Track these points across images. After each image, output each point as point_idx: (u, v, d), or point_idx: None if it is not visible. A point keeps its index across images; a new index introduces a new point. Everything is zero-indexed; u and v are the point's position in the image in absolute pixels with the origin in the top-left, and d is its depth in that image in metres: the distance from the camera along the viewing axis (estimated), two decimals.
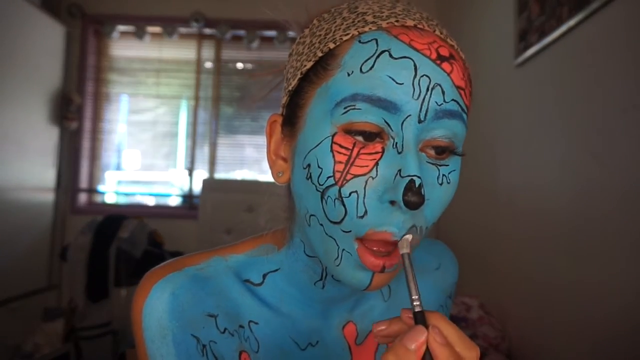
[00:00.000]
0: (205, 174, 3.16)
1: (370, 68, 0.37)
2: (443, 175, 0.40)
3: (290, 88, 0.44)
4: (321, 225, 0.41)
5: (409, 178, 0.36)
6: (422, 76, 0.37)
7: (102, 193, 3.21)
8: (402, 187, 0.36)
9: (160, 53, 3.19)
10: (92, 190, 3.18)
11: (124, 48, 3.20)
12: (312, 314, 0.50)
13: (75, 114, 2.95)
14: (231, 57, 3.22)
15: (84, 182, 3.12)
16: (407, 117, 0.37)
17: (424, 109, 0.37)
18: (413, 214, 0.38)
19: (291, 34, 3.12)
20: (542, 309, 1.51)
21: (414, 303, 0.35)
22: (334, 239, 0.40)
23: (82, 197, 3.14)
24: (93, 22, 3.11)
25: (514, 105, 1.81)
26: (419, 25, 0.40)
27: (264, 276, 0.50)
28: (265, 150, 0.48)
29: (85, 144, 3.13)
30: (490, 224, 2.00)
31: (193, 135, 3.17)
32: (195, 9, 3.04)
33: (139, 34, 3.08)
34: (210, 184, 2.90)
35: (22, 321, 2.48)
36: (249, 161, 3.21)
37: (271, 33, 3.10)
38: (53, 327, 2.46)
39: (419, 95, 0.37)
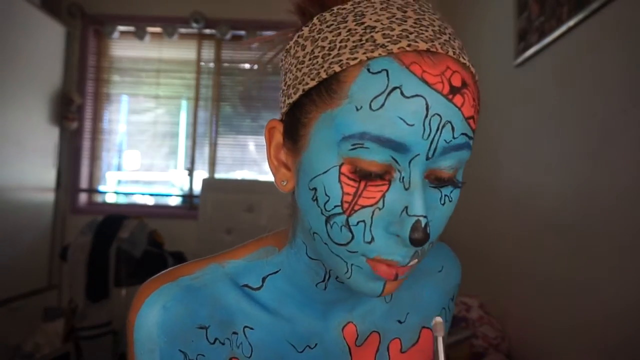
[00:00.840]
0: (205, 174, 3.16)
1: (381, 106, 0.36)
2: (445, 195, 0.40)
3: (290, 101, 0.43)
4: (325, 244, 0.41)
5: (416, 218, 0.37)
6: (433, 115, 0.36)
7: (102, 193, 3.21)
8: (409, 226, 0.37)
9: (160, 53, 3.19)
10: (92, 190, 3.19)
11: (124, 48, 3.21)
12: (312, 315, 0.50)
13: (75, 114, 2.95)
14: (231, 57, 3.22)
15: (84, 182, 3.12)
16: (415, 156, 0.37)
17: (432, 147, 0.37)
18: None
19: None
20: (542, 309, 1.51)
21: None
22: (341, 257, 0.41)
23: (82, 197, 3.14)
24: (93, 22, 3.11)
25: (513, 105, 1.81)
26: (431, 49, 0.37)
27: (264, 279, 0.50)
28: (266, 153, 0.48)
29: (85, 144, 3.13)
30: (490, 224, 2.00)
31: (193, 135, 3.17)
32: (195, 9, 3.04)
33: (139, 34, 3.08)
34: (210, 184, 2.90)
35: (22, 321, 2.48)
36: (249, 161, 3.21)
37: (271, 33, 3.10)
38: (53, 327, 2.46)
39: (429, 135, 0.36)
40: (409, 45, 0.37)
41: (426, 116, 0.36)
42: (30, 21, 2.56)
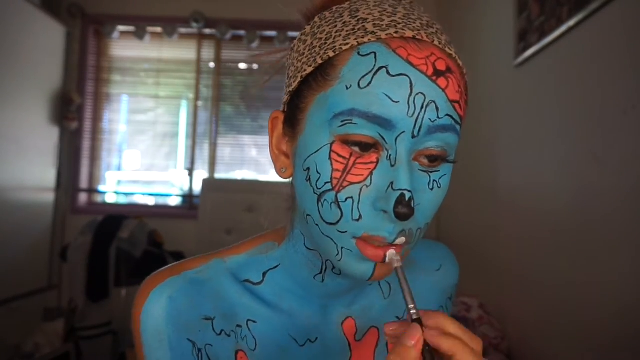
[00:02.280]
0: (205, 174, 3.16)
1: (368, 84, 0.39)
2: (434, 180, 0.42)
3: (290, 89, 0.45)
4: (317, 225, 0.43)
5: (400, 192, 0.38)
6: (417, 94, 0.38)
7: (102, 193, 3.21)
8: (394, 199, 0.38)
9: (160, 53, 3.19)
10: (92, 190, 3.19)
11: (124, 48, 3.21)
12: (312, 309, 0.51)
13: (75, 114, 2.95)
14: (231, 57, 3.22)
15: (84, 182, 3.12)
16: (401, 133, 0.39)
17: (417, 125, 0.39)
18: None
19: (291, 34, 3.13)
20: (542, 309, 1.51)
21: (411, 312, 0.38)
22: (331, 239, 0.42)
23: (82, 197, 3.14)
24: (93, 22, 3.11)
25: (513, 105, 1.81)
26: (417, 37, 0.40)
27: (264, 274, 0.51)
28: (268, 145, 0.50)
29: (85, 144, 3.13)
30: (490, 224, 2.00)
31: (193, 135, 3.17)
32: (195, 9, 3.04)
33: (139, 34, 3.08)
34: (210, 184, 2.90)
35: (22, 321, 2.48)
36: (249, 161, 3.21)
37: (271, 33, 3.10)
38: (53, 327, 2.46)
39: (414, 112, 0.38)
40: (396, 32, 0.40)
41: (410, 94, 0.38)
42: (30, 21, 2.56)
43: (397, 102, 0.38)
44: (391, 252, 0.40)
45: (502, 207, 1.88)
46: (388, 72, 0.39)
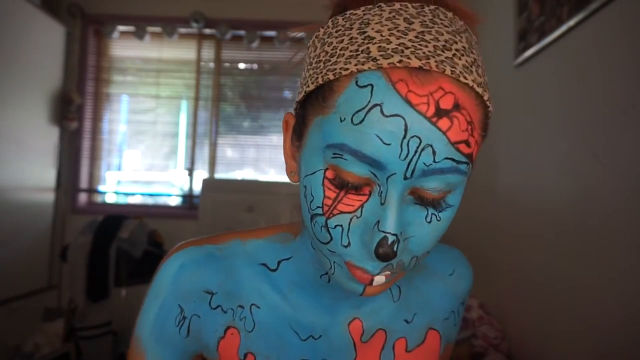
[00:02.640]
0: (205, 174, 3.16)
1: (361, 122, 0.36)
2: (432, 214, 0.40)
3: (298, 99, 0.44)
4: (313, 238, 0.43)
5: (383, 235, 0.37)
6: (412, 137, 0.35)
7: (102, 193, 3.21)
8: (376, 240, 0.37)
9: (160, 53, 3.19)
10: (92, 190, 3.18)
11: (124, 48, 3.20)
12: (319, 307, 0.51)
13: (75, 114, 2.95)
14: (231, 57, 3.22)
15: (84, 182, 3.12)
16: (392, 175, 0.37)
17: (410, 169, 0.36)
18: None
19: (291, 34, 3.11)
20: (542, 309, 1.51)
21: None
22: (324, 254, 0.42)
23: (82, 197, 3.14)
24: (93, 22, 3.11)
25: (514, 105, 1.81)
26: (425, 67, 0.35)
27: (279, 263, 0.52)
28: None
29: (85, 144, 3.13)
30: (490, 224, 2.00)
31: (193, 135, 3.17)
32: (195, 9, 3.04)
33: (139, 34, 3.08)
34: (210, 184, 2.90)
35: (22, 321, 2.48)
36: (249, 161, 3.21)
37: (271, 33, 3.10)
38: (53, 327, 2.46)
39: (407, 156, 0.36)
40: (400, 61, 0.36)
41: (404, 137, 0.35)
42: (30, 21, 2.56)
43: (388, 144, 0.35)
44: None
45: (502, 206, 1.88)
46: (382, 112, 0.35)
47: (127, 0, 3.09)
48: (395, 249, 0.37)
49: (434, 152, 0.36)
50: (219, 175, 3.18)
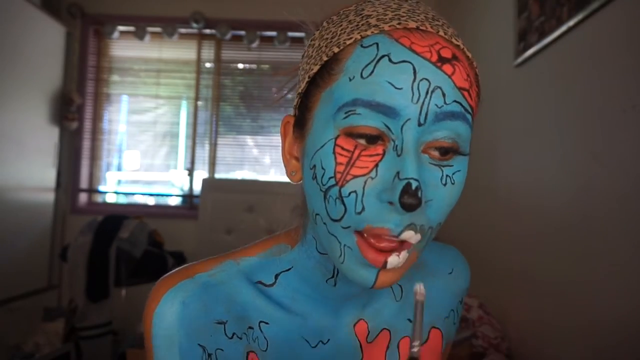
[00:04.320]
0: (205, 174, 3.16)
1: (370, 73, 0.38)
2: (447, 175, 0.40)
3: (300, 91, 0.45)
4: (324, 224, 0.42)
5: (406, 181, 0.37)
6: (421, 80, 0.37)
7: (102, 193, 3.21)
8: (399, 189, 0.37)
9: (160, 53, 3.19)
10: (92, 190, 3.19)
11: (124, 48, 3.20)
12: (324, 311, 0.51)
13: (75, 114, 2.95)
14: (231, 57, 3.22)
15: (84, 182, 3.12)
16: (406, 121, 0.38)
17: (423, 112, 0.37)
18: (412, 214, 0.38)
19: (291, 34, 3.13)
20: (542, 309, 1.51)
21: (413, 349, 0.36)
22: (336, 237, 0.41)
23: (82, 197, 3.14)
24: (93, 22, 3.11)
25: (513, 105, 1.81)
26: (421, 27, 0.40)
27: (276, 276, 0.51)
28: (280, 150, 0.50)
29: (85, 144, 3.13)
30: (490, 224, 2.00)
31: (193, 135, 3.17)
32: (195, 9, 3.04)
33: (139, 34, 3.08)
34: (210, 184, 2.90)
35: (22, 321, 2.48)
36: (249, 161, 3.21)
37: (271, 33, 3.10)
38: (53, 327, 2.46)
39: (419, 99, 0.37)
40: (399, 24, 0.40)
41: (414, 80, 0.37)
42: (30, 21, 2.56)
43: (400, 88, 0.37)
44: (420, 286, 0.38)
45: (501, 206, 1.88)
46: (390, 60, 0.38)
47: (127, 0, 3.09)
48: (420, 195, 0.36)
49: (443, 94, 0.38)
50: (219, 175, 3.18)
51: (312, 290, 0.50)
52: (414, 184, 0.36)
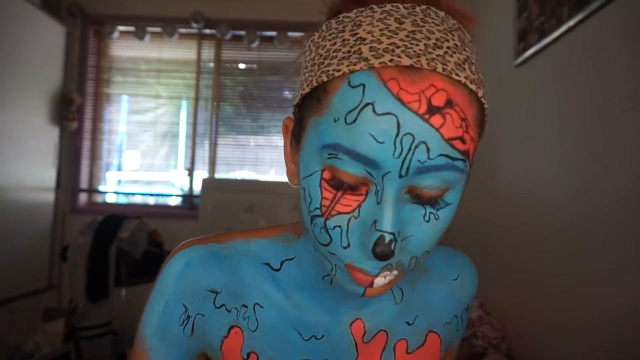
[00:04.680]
0: (205, 174, 3.16)
1: (354, 121, 0.36)
2: (430, 213, 0.39)
3: (295, 103, 0.46)
4: (314, 241, 0.43)
5: (380, 234, 0.37)
6: (404, 135, 0.36)
7: (102, 193, 3.21)
8: (373, 240, 0.37)
9: (160, 53, 3.19)
10: (92, 190, 3.19)
11: (124, 48, 3.20)
12: (321, 308, 0.52)
13: (75, 114, 2.95)
14: (231, 57, 3.22)
15: (84, 182, 3.12)
16: (387, 173, 0.37)
17: (405, 166, 0.36)
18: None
19: (291, 34, 3.13)
20: (542, 309, 1.51)
21: None
22: (325, 257, 0.42)
23: (82, 197, 3.14)
24: (93, 22, 3.11)
25: (513, 105, 1.81)
26: (416, 65, 0.36)
27: (282, 263, 0.53)
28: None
29: (85, 144, 3.13)
30: (490, 224, 2.00)
31: (193, 135, 3.17)
32: (195, 9, 3.04)
33: (139, 34, 3.08)
34: (210, 184, 2.90)
35: (22, 321, 2.48)
36: (249, 161, 3.21)
37: (271, 33, 3.10)
38: (53, 327, 2.46)
39: (400, 154, 0.36)
40: (391, 60, 0.36)
41: (397, 135, 0.36)
42: (30, 21, 2.56)
43: (382, 142, 0.36)
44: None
45: (501, 206, 1.88)
46: (374, 110, 0.36)
47: (127, 0, 3.09)
48: (392, 247, 0.37)
49: (428, 149, 0.36)
50: (219, 175, 3.18)
51: (309, 284, 0.51)
52: (388, 237, 0.37)
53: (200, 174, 3.16)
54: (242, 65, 3.27)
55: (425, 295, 0.57)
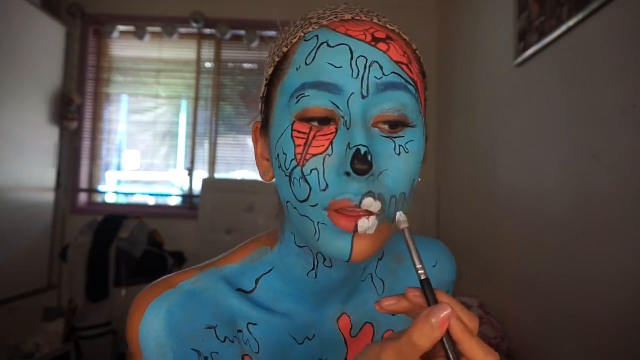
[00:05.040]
0: (205, 174, 3.16)
1: (313, 60, 0.43)
2: (400, 146, 0.42)
3: (262, 95, 0.50)
4: (295, 208, 0.43)
5: (355, 148, 0.39)
6: (358, 57, 0.42)
7: (102, 193, 3.21)
8: (350, 156, 0.39)
9: (160, 53, 3.19)
10: (92, 190, 3.19)
11: (124, 48, 3.20)
12: (307, 308, 0.52)
13: (75, 114, 2.95)
14: (231, 57, 3.22)
15: (84, 182, 3.12)
16: (351, 95, 0.41)
17: (364, 85, 0.41)
18: (369, 182, 0.40)
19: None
20: (542, 309, 1.51)
21: (419, 272, 0.37)
22: (308, 217, 0.43)
23: (82, 197, 3.14)
24: (93, 22, 3.11)
25: (513, 105, 1.81)
26: (356, 18, 0.45)
27: (257, 281, 0.52)
28: (254, 155, 0.53)
29: (85, 144, 3.13)
30: (490, 224, 2.00)
31: (193, 135, 3.17)
32: (195, 9, 3.04)
33: (139, 34, 3.08)
34: (210, 184, 2.90)
35: (22, 321, 2.48)
36: (249, 161, 3.21)
37: (271, 33, 3.10)
38: (53, 327, 2.46)
39: (358, 74, 0.41)
40: (336, 17, 0.45)
41: (352, 58, 0.42)
42: (30, 21, 2.56)
43: (340, 67, 0.41)
44: (400, 214, 0.39)
45: (502, 207, 1.88)
46: (328, 45, 0.43)
47: (127, 0, 3.09)
48: (370, 159, 0.39)
49: (381, 67, 0.42)
50: (219, 175, 3.18)
51: (293, 288, 0.51)
52: (363, 150, 0.39)
53: (200, 174, 3.16)
54: (242, 65, 3.27)
55: (407, 284, 0.57)
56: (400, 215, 0.39)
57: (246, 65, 3.28)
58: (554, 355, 1.43)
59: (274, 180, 0.49)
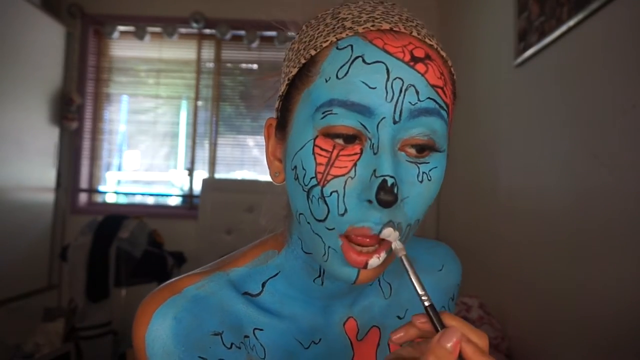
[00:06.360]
0: (205, 174, 3.16)
1: (345, 74, 0.39)
2: (423, 172, 0.41)
3: (280, 93, 0.47)
4: (308, 223, 0.42)
5: (382, 178, 0.38)
6: (394, 79, 0.39)
7: (102, 193, 3.21)
8: (376, 186, 0.38)
9: (160, 53, 3.19)
10: (92, 190, 3.19)
11: (124, 48, 3.20)
12: (314, 312, 0.51)
13: (75, 114, 2.95)
14: (231, 57, 3.23)
15: (84, 182, 3.12)
16: (382, 119, 0.39)
17: (397, 110, 0.39)
18: (390, 211, 0.39)
19: (291, 34, 3.12)
20: (542, 309, 1.51)
21: (422, 299, 0.37)
22: (320, 237, 0.42)
23: (82, 197, 3.14)
24: (93, 22, 3.11)
25: (513, 105, 1.81)
26: (395, 29, 0.41)
27: (263, 285, 0.51)
28: (264, 151, 0.51)
29: (85, 144, 3.13)
30: (490, 225, 2.00)
31: (193, 135, 3.17)
32: (195, 9, 3.04)
33: (139, 34, 3.08)
34: (210, 184, 2.90)
35: (22, 321, 2.48)
36: (249, 161, 3.21)
37: (271, 33, 3.10)
38: (53, 327, 2.46)
39: (392, 97, 0.39)
40: (372, 25, 0.41)
41: (387, 79, 0.39)
42: (30, 21, 2.56)
43: (374, 88, 0.38)
44: (398, 243, 0.39)
45: (502, 207, 1.88)
46: (364, 61, 0.39)
47: (127, 0, 3.09)
48: (395, 191, 0.37)
49: (417, 92, 0.39)
50: (219, 175, 3.18)
51: (300, 292, 0.50)
52: (390, 181, 0.37)
53: (200, 174, 3.16)
54: (242, 65, 3.27)
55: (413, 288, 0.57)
56: (397, 244, 0.39)
57: (246, 66, 3.28)
58: (554, 355, 1.43)
59: (283, 182, 0.47)
